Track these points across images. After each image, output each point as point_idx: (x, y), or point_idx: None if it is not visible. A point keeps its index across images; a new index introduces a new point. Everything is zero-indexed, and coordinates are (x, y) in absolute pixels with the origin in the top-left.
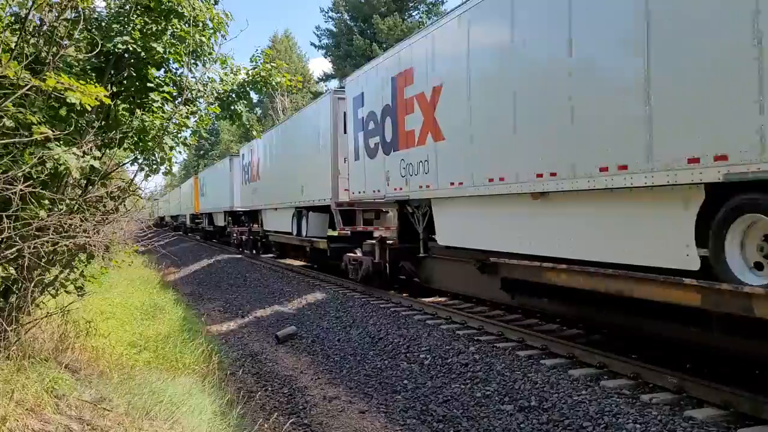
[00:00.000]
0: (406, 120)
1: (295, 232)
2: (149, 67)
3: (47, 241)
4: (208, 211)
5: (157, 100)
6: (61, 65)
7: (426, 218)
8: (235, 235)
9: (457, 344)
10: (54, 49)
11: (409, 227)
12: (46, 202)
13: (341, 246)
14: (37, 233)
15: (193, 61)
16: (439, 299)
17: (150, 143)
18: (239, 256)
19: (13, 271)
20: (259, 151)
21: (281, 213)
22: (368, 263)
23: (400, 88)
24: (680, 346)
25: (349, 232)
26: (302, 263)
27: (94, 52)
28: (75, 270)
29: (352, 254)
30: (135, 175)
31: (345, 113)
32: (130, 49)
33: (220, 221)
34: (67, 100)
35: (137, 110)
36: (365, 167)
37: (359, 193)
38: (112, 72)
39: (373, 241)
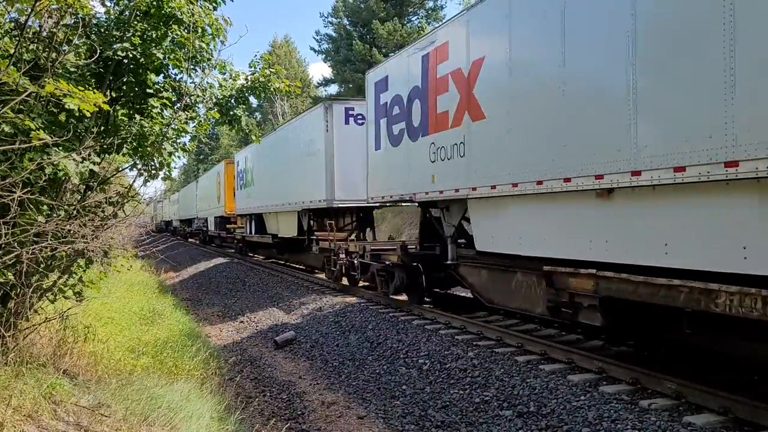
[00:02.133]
0: None
1: None
2: (148, 72)
3: (46, 247)
4: (255, 212)
5: (157, 106)
6: (60, 71)
7: None
8: (342, 256)
9: (456, 349)
10: (53, 55)
11: None
12: (45, 207)
13: None
14: (35, 239)
15: (192, 66)
16: None
17: (149, 149)
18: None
19: (11, 277)
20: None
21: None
22: None
23: None
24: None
25: None
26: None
27: (93, 58)
28: (73, 275)
29: None
30: (134, 180)
31: None
32: (130, 55)
33: (288, 228)
34: (66, 106)
35: (136, 116)
36: None
37: None
38: (112, 78)
39: None
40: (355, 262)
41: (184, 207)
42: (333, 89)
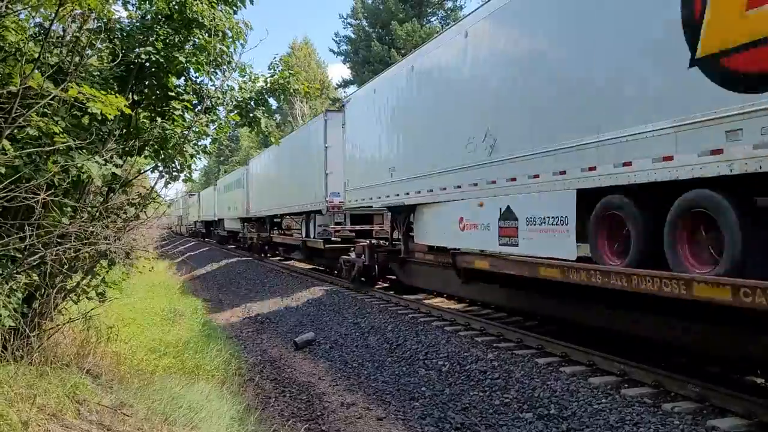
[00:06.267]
0: None
1: None
2: (170, 75)
3: (69, 248)
4: None
5: (178, 108)
6: (84, 75)
7: None
8: None
9: (476, 351)
10: (76, 59)
11: None
12: (68, 209)
13: None
14: (59, 240)
15: (213, 69)
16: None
17: (170, 151)
18: None
19: (36, 278)
20: None
21: None
22: None
23: None
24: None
25: None
26: None
27: (116, 62)
28: (96, 276)
29: None
30: (156, 182)
31: None
32: (153, 59)
33: None
34: (89, 110)
35: (158, 118)
36: None
37: None
38: (134, 81)
39: None
40: None
41: (267, 192)
42: (352, 91)
